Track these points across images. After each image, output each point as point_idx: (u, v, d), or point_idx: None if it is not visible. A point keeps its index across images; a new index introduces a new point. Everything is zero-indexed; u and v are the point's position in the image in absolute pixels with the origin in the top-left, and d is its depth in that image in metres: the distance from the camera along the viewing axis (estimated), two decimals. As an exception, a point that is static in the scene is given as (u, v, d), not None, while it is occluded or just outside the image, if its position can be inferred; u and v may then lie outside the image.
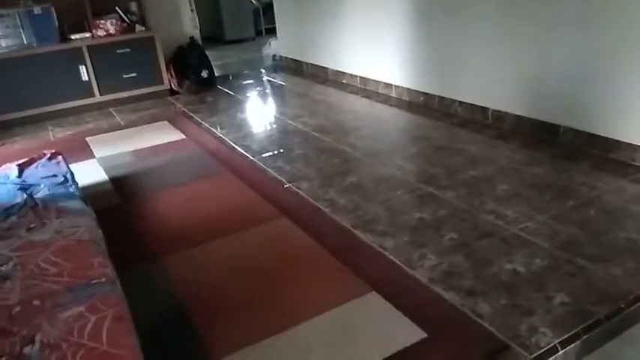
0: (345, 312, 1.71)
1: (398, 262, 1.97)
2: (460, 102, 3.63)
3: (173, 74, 4.95)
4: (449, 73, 3.69)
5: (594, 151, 2.79)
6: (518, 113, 3.22)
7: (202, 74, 5.03)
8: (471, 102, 3.55)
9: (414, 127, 3.59)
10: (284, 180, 2.81)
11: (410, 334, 1.58)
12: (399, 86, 4.20)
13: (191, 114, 4.31)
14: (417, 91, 4.01)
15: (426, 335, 1.57)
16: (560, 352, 1.49)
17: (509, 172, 2.68)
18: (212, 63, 5.21)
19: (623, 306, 1.64)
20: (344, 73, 4.87)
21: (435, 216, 2.29)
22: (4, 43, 4.23)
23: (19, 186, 2.18)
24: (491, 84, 3.37)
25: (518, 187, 2.49)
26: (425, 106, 3.93)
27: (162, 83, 4.91)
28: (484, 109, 3.45)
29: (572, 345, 1.52)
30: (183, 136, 3.74)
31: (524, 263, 1.89)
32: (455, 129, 3.41)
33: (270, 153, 3.24)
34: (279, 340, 1.61)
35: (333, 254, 2.05)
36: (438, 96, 3.81)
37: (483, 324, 1.60)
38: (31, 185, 2.20)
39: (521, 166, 2.74)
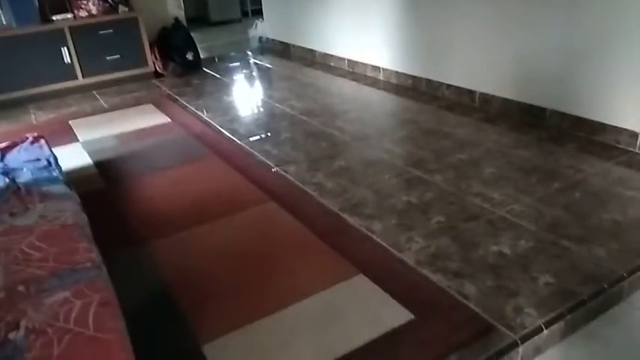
0: (333, 295, 1.72)
1: (385, 245, 1.98)
2: (448, 85, 3.62)
3: (157, 56, 4.87)
4: (436, 55, 3.68)
5: (580, 133, 2.82)
6: (505, 96, 3.23)
7: (187, 56, 4.96)
8: (458, 85, 3.55)
9: (402, 110, 3.59)
10: (271, 164, 2.79)
11: (397, 315, 1.59)
12: (386, 69, 4.18)
13: (176, 97, 4.25)
14: (405, 74, 3.99)
15: (413, 317, 1.58)
16: (545, 332, 1.52)
17: (495, 155, 2.69)
18: (197, 45, 5.13)
19: (606, 286, 1.66)
20: (331, 55, 4.83)
21: (423, 199, 2.30)
22: (-18, 23, 4.13)
23: (0, 170, 2.14)
24: (479, 67, 3.37)
25: (504, 170, 2.51)
26: (413, 89, 3.92)
27: (147, 65, 4.83)
28: (471, 92, 3.45)
29: (557, 325, 1.54)
30: (169, 120, 3.70)
31: (510, 245, 1.91)
32: (442, 112, 3.41)
33: (257, 136, 3.22)
34: (267, 323, 1.61)
35: (320, 238, 2.05)
36: (426, 79, 3.80)
37: (469, 305, 1.62)
38: (13, 169, 2.16)
39: (508, 149, 2.75)
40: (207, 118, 3.64)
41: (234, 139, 3.22)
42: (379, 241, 2.01)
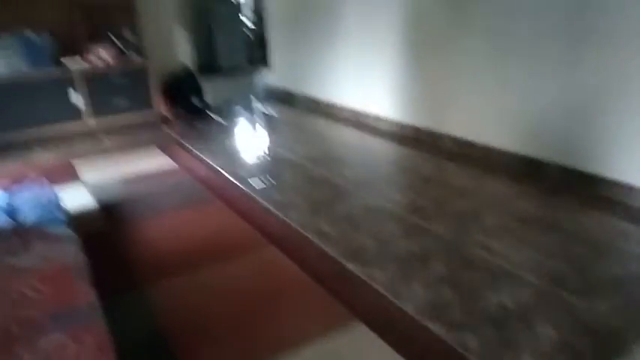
0: (331, 342, 1.69)
1: (385, 292, 1.96)
2: (449, 135, 3.68)
3: (165, 101, 4.98)
4: (439, 107, 3.76)
5: (581, 187, 2.83)
6: (506, 148, 3.27)
7: (194, 102, 5.07)
8: (460, 136, 3.60)
9: (404, 159, 3.63)
10: (273, 209, 2.80)
11: (396, 367, 1.56)
12: (389, 119, 4.26)
13: (182, 141, 4.32)
14: (407, 124, 4.07)
15: (412, 369, 1.55)
16: (547, 388, 1.48)
17: (496, 205, 2.70)
18: (204, 91, 5.25)
19: (608, 341, 1.64)
20: (335, 104, 4.94)
21: (423, 247, 2.29)
22: (-2, 66, 4.25)
23: (3, 209, 2.15)
24: (480, 119, 3.43)
25: (505, 221, 2.51)
26: (414, 138, 3.98)
27: (154, 110, 4.93)
28: (473, 143, 3.50)
29: (559, 381, 1.51)
30: (173, 163, 3.74)
31: (511, 296, 1.89)
32: (444, 162, 3.45)
33: (260, 182, 3.25)
34: (264, 371, 1.58)
35: (320, 284, 2.04)
36: (428, 129, 3.87)
37: (470, 357, 1.59)
38: (15, 209, 2.18)
39: (509, 200, 2.77)
40: (211, 163, 3.69)
41: (236, 183, 3.25)
42: (379, 288, 1.99)
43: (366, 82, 4.44)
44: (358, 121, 4.60)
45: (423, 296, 1.92)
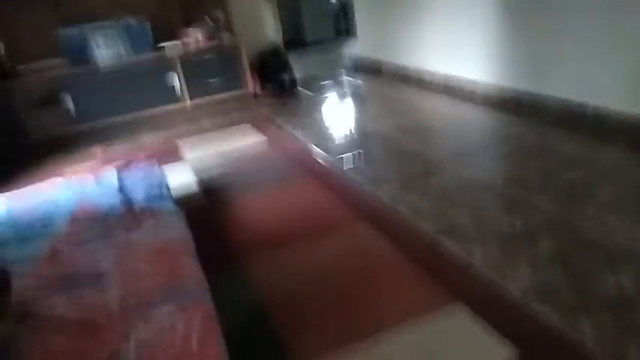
0: (430, 322, 1.65)
1: (487, 271, 1.86)
2: (554, 98, 3.38)
3: (256, 78, 5.09)
4: (542, 66, 3.46)
5: None
6: (622, 110, 2.94)
7: (284, 77, 5.13)
8: (566, 97, 3.29)
9: (503, 126, 3.41)
10: (364, 184, 2.77)
11: (500, 349, 1.49)
12: (485, 83, 4.00)
13: (273, 117, 4.40)
14: (506, 88, 3.80)
15: (519, 351, 1.47)
16: (678, 380, 1.34)
17: (611, 175, 2.45)
18: (293, 66, 5.29)
19: None
20: (426, 71, 4.74)
21: (528, 223, 2.14)
22: (104, 53, 4.56)
23: (116, 188, 2.33)
24: (591, 77, 3.10)
25: (621, 192, 2.27)
26: (514, 102, 3.71)
27: (246, 87, 5.06)
28: (582, 106, 3.19)
29: (693, 373, 1.35)
30: (265, 139, 3.83)
31: (631, 277, 1.71)
32: (548, 127, 3.19)
33: (350, 155, 3.22)
34: (362, 347, 1.58)
35: (415, 261, 1.99)
36: (529, 92, 3.58)
37: (584, 343, 1.47)
38: (127, 187, 2.34)
39: (626, 169, 2.50)
40: (301, 137, 3.72)
41: (327, 157, 3.25)
42: (480, 267, 1.90)
43: (457, 46, 4.19)
44: (450, 88, 4.38)
45: (530, 276, 1.80)
